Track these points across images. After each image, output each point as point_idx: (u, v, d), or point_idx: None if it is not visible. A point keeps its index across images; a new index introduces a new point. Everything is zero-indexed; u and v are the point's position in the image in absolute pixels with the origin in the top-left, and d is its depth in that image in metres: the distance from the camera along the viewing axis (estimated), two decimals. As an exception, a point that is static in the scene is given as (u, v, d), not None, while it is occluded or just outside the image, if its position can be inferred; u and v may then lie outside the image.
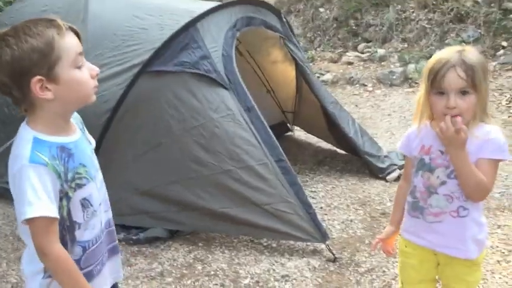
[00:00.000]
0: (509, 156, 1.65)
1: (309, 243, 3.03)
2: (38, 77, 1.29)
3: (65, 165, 1.35)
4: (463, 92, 1.60)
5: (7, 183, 3.83)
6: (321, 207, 3.54)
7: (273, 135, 3.20)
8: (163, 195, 3.16)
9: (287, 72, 4.80)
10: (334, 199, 3.69)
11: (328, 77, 7.40)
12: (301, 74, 4.18)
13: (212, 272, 2.84)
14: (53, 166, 1.31)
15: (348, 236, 3.16)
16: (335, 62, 8.10)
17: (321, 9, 8.88)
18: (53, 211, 1.30)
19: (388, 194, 3.71)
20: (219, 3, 3.61)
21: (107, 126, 3.15)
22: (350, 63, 7.78)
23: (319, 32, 8.72)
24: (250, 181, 3.02)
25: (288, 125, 5.26)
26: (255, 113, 3.21)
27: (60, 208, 1.35)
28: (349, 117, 4.11)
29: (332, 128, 4.32)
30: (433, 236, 1.75)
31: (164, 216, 3.18)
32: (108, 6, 3.73)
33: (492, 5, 7.21)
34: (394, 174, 3.92)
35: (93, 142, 1.62)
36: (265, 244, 3.11)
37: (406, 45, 7.69)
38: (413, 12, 7.87)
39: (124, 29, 3.49)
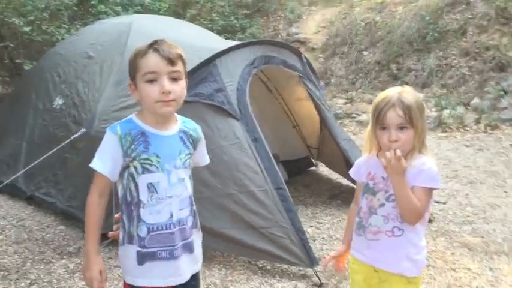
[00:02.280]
0: (440, 185, 1.82)
1: (300, 268, 3.19)
2: (131, 82, 1.75)
3: (134, 145, 1.68)
4: (402, 128, 1.81)
5: (44, 194, 4.25)
6: (323, 238, 3.68)
7: (275, 165, 3.43)
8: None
9: (311, 110, 5.03)
10: (337, 231, 3.82)
11: (363, 118, 7.55)
12: (317, 111, 4.40)
13: (204, 286, 3.06)
14: (121, 139, 1.68)
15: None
16: (374, 104, 8.24)
17: (365, 53, 9.12)
18: (100, 167, 1.70)
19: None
20: (235, 43, 3.94)
21: (128, 146, 3.51)
22: (388, 106, 7.88)
23: (361, 74, 8.94)
24: (250, 205, 3.25)
25: (312, 160, 5.45)
26: (261, 143, 3.46)
27: (126, 184, 1.71)
28: (360, 155, 4.26)
29: (348, 165, 4.48)
30: (371, 252, 1.93)
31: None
32: (143, 42, 4.16)
33: (535, 55, 7.15)
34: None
35: (207, 161, 2.02)
36: (260, 265, 3.29)
37: (445, 91, 7.74)
38: (454, 59, 7.92)
39: (154, 62, 3.89)
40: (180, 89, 1.70)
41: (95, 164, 1.72)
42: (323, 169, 5.40)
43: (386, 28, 8.90)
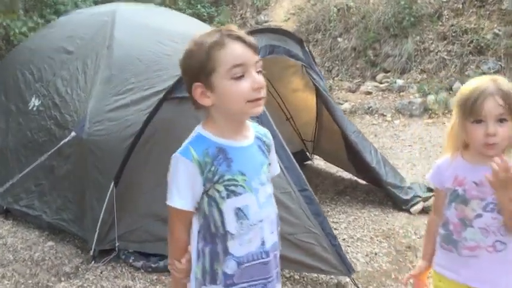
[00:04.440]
0: None
1: (332, 276, 2.94)
2: (198, 83, 1.36)
3: (216, 166, 1.37)
4: (501, 120, 1.57)
5: (26, 207, 3.79)
6: (344, 239, 3.45)
7: (296, 164, 3.15)
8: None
9: (307, 101, 4.78)
10: (356, 230, 3.60)
11: (346, 106, 7.38)
12: (324, 102, 4.15)
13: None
14: (199, 162, 1.36)
15: (373, 270, 3.07)
16: (353, 91, 8.10)
17: (339, 39, 8.93)
18: (182, 204, 1.39)
19: (412, 226, 3.61)
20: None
21: (129, 152, 3.13)
22: (368, 93, 7.77)
23: (337, 62, 8.76)
24: (274, 210, 2.96)
25: (308, 153, 5.21)
26: (279, 141, 3.16)
27: (207, 212, 1.39)
28: (371, 147, 4.05)
29: (353, 158, 4.26)
30: (468, 271, 1.67)
31: (185, 244, 3.12)
32: (132, 33, 3.77)
33: (512, 37, 7.18)
34: (419, 207, 3.83)
35: (278, 170, 1.63)
36: (287, 275, 3.02)
37: (425, 76, 7.67)
38: (432, 43, 7.86)
39: (148, 54, 3.52)
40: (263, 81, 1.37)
41: (175, 201, 1.41)
42: (318, 162, 5.17)
43: (360, 13, 8.72)
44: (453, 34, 7.71)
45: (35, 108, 4.01)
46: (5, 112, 4.25)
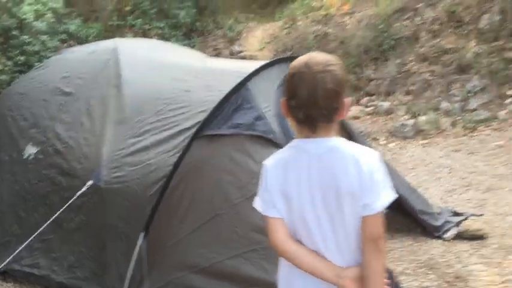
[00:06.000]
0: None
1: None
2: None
3: None
4: None
5: (29, 266, 3.40)
6: (394, 275, 3.23)
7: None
8: (224, 272, 2.82)
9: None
10: (396, 263, 3.40)
11: (337, 132, 7.28)
12: (342, 126, 3.99)
13: None
14: None
15: (431, 306, 2.87)
16: (340, 117, 8.05)
17: (319, 66, 8.92)
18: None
19: (452, 254, 3.45)
20: (263, 62, 3.43)
21: (159, 198, 2.85)
22: (356, 118, 7.72)
23: (319, 88, 8.71)
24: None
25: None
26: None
27: None
28: (398, 173, 3.91)
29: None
30: None
31: (226, 295, 2.83)
32: (143, 71, 3.54)
33: (493, 55, 7.34)
34: (453, 232, 3.69)
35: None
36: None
37: (410, 98, 7.72)
38: (414, 65, 7.95)
39: (165, 92, 3.29)
40: None
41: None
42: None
43: (338, 39, 8.78)
44: (434, 55, 7.84)
45: (31, 157, 3.67)
46: (-5, 163, 3.87)
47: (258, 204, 1.60)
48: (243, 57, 10.13)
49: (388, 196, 1.46)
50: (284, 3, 11.14)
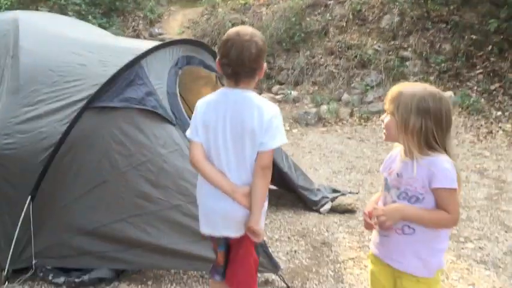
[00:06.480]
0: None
1: (259, 275, 3.07)
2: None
3: None
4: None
5: None
6: (264, 240, 3.60)
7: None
8: (109, 234, 3.03)
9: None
10: (274, 232, 3.79)
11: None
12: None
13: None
14: None
15: (295, 266, 3.27)
16: (251, 103, 8.39)
17: (235, 53, 9.21)
18: None
19: (324, 225, 3.90)
20: (159, 42, 3.65)
21: (47, 164, 3.00)
22: (266, 104, 8.09)
23: (234, 75, 9.01)
24: (201, 215, 3.03)
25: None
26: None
27: None
28: (283, 153, 4.29)
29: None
30: (382, 248, 1.97)
31: (110, 256, 3.05)
32: (42, 42, 3.61)
33: (390, 53, 8.01)
34: (327, 207, 4.14)
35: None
36: (216, 279, 3.09)
37: (316, 88, 8.22)
38: (321, 58, 8.47)
39: (61, 64, 3.40)
40: None
41: None
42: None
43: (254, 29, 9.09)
44: (339, 49, 8.39)
45: None
46: None
47: (187, 132, 2.13)
48: (162, 40, 10.19)
49: (280, 139, 2.00)
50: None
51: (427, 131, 1.84)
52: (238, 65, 1.96)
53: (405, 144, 1.88)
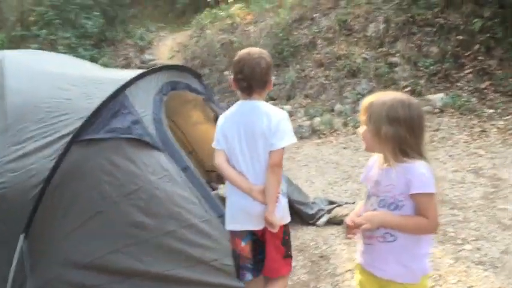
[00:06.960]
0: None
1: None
2: None
3: None
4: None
5: None
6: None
7: (211, 192, 3.27)
8: (105, 266, 3.04)
9: (209, 133, 4.91)
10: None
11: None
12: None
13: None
14: None
15: (294, 283, 3.26)
16: (245, 121, 8.45)
17: (226, 73, 9.31)
18: None
19: (321, 238, 3.89)
20: (141, 71, 3.69)
21: (38, 201, 3.02)
22: (260, 121, 8.14)
23: (226, 94, 9.08)
24: (196, 239, 3.04)
25: (212, 183, 5.33)
26: (191, 172, 3.28)
27: None
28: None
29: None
30: (366, 256, 1.98)
31: (107, 288, 3.05)
32: (27, 80, 3.65)
33: (379, 60, 8.07)
34: (324, 219, 4.14)
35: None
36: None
37: (309, 101, 8.27)
38: (311, 70, 8.53)
39: (47, 101, 3.44)
40: None
41: None
42: (224, 191, 5.31)
43: (243, 47, 9.16)
44: (328, 61, 8.46)
45: None
46: None
47: (214, 143, 2.46)
48: (154, 66, 10.31)
49: (289, 139, 2.34)
50: (199, 13, 11.45)
51: (400, 138, 1.86)
52: (251, 79, 2.31)
53: (382, 152, 1.91)
